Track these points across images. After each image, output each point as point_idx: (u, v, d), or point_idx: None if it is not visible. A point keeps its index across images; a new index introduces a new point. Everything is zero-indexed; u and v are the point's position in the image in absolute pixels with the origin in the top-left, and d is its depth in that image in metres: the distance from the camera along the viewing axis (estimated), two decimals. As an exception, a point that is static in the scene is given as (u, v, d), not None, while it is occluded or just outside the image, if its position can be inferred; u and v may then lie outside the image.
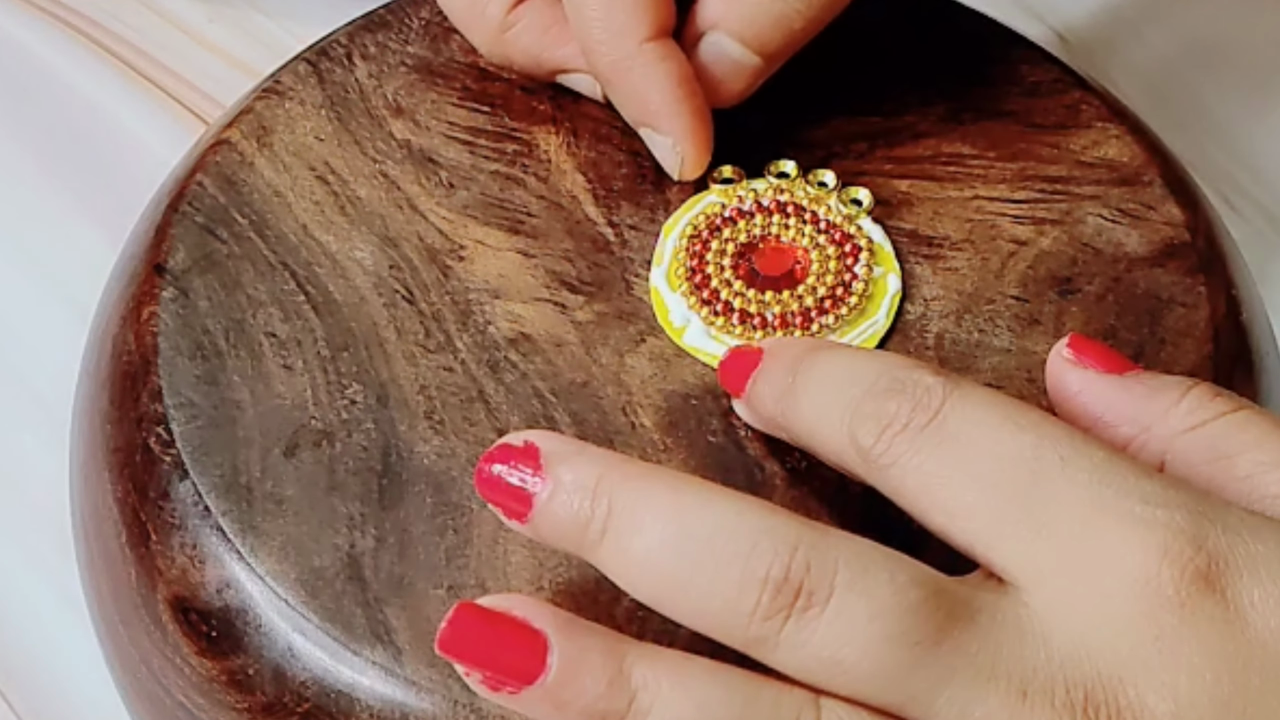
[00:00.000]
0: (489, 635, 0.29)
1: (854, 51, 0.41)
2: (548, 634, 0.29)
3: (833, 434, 0.31)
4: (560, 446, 0.30)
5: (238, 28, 0.54)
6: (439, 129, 0.40)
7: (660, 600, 0.29)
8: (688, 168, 0.38)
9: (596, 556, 0.30)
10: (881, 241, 0.38)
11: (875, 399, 0.31)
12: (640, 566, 0.29)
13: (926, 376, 0.31)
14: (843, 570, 0.28)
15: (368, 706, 0.32)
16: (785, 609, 0.28)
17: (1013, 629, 0.28)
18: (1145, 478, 0.29)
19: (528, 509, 0.30)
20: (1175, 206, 0.38)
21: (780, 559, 0.28)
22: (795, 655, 0.28)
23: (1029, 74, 0.41)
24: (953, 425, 0.30)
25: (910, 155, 0.39)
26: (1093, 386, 0.33)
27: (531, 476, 0.30)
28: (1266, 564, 0.28)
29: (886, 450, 0.30)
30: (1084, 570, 0.28)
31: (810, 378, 0.32)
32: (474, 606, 0.29)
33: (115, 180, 0.50)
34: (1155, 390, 0.32)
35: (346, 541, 0.33)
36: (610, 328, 0.36)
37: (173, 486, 0.34)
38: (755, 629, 0.28)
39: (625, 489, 0.30)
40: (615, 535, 0.29)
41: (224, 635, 0.33)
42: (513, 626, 0.29)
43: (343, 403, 0.35)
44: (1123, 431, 0.32)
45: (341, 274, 0.37)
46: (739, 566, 0.28)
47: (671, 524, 0.29)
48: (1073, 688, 0.28)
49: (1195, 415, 0.32)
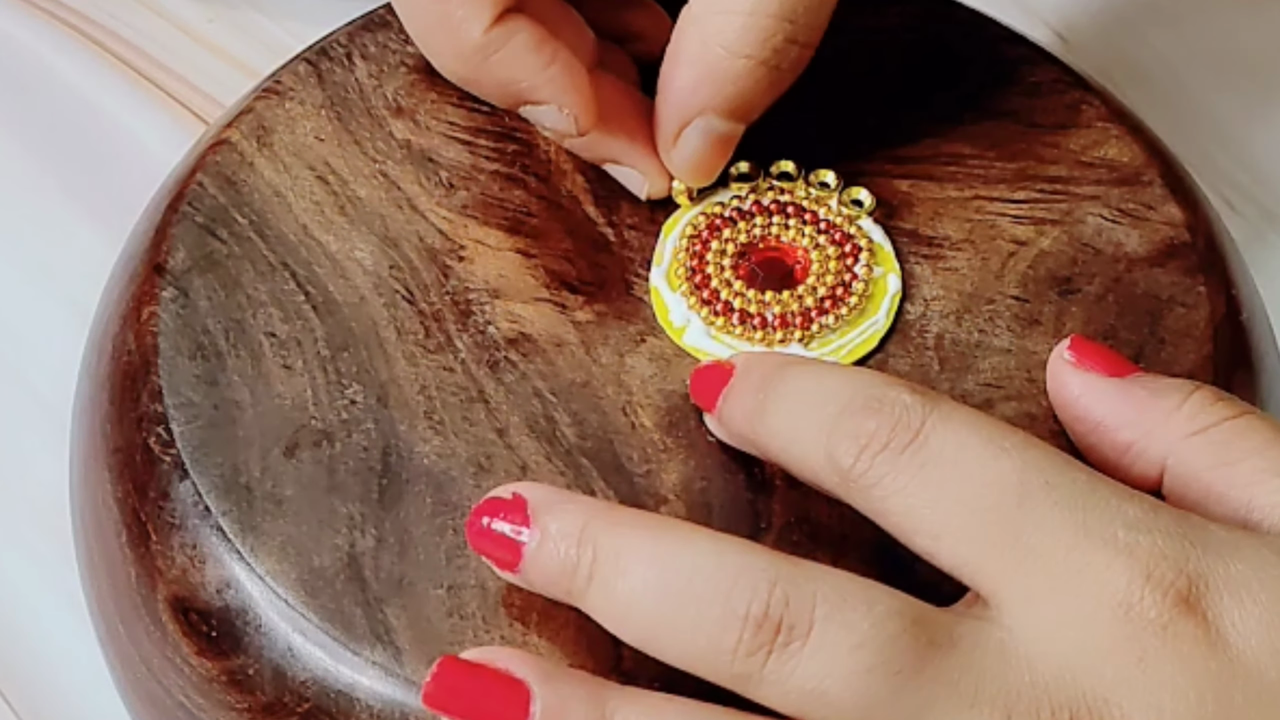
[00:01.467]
0: (472, 687, 0.29)
1: (854, 52, 0.41)
2: (530, 683, 0.29)
3: (808, 452, 0.31)
4: (546, 497, 0.31)
5: (238, 28, 0.54)
6: (439, 129, 0.40)
7: (647, 641, 0.30)
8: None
9: (585, 602, 0.30)
10: (881, 241, 0.38)
11: (852, 417, 0.31)
12: (626, 609, 0.30)
13: (904, 395, 0.31)
14: (821, 603, 0.29)
15: (367, 706, 0.32)
16: (767, 645, 0.28)
17: (996, 654, 0.29)
18: (1127, 501, 0.29)
19: (517, 559, 0.31)
20: (1175, 206, 0.38)
21: (759, 596, 0.29)
22: (779, 689, 0.29)
23: (1029, 74, 0.41)
24: (935, 446, 0.30)
25: (910, 155, 0.39)
26: (1094, 389, 0.33)
27: (520, 527, 0.31)
28: (1245, 584, 0.29)
29: (867, 471, 0.30)
30: (1068, 595, 0.29)
31: (781, 394, 0.32)
32: (457, 660, 0.30)
33: (115, 180, 0.50)
34: (1157, 394, 0.32)
35: (346, 541, 0.33)
36: (610, 328, 0.36)
37: (173, 486, 0.34)
38: (739, 665, 0.29)
39: (609, 535, 0.30)
40: (601, 580, 0.30)
41: (224, 635, 0.33)
42: (495, 678, 0.29)
43: (343, 403, 0.35)
44: (1123, 436, 0.32)
45: (341, 274, 0.37)
46: (719, 605, 0.29)
47: (654, 567, 0.30)
48: (1058, 710, 0.28)
49: (1197, 420, 0.32)
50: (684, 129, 0.36)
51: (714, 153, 0.37)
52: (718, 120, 0.36)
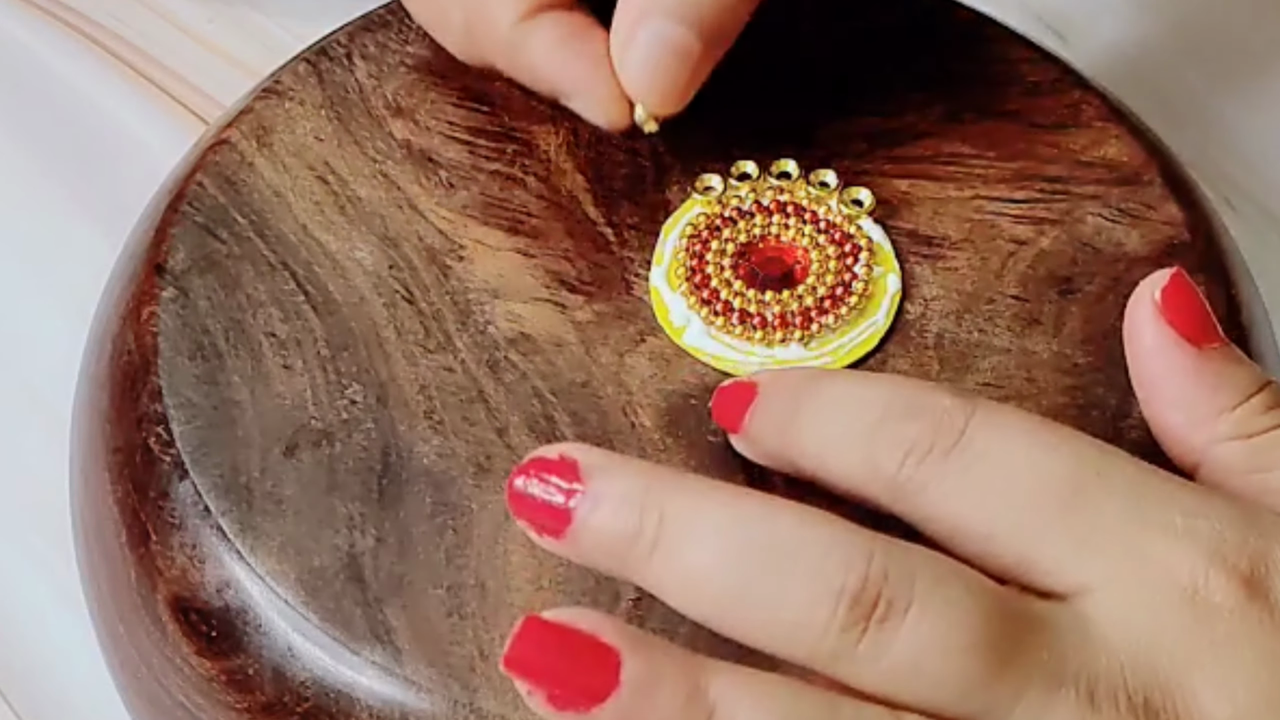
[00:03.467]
0: (559, 651, 0.27)
1: (854, 52, 0.41)
2: (620, 648, 0.27)
3: (848, 462, 0.31)
4: (600, 458, 0.29)
5: (238, 28, 0.54)
6: (439, 129, 0.40)
7: (718, 616, 0.28)
8: (611, 119, 0.37)
9: (645, 572, 0.29)
10: (881, 241, 0.38)
11: (894, 424, 0.30)
12: (697, 581, 0.28)
13: (944, 398, 0.30)
14: (920, 579, 0.28)
15: (367, 706, 0.32)
16: (864, 620, 0.27)
17: (1077, 636, 0.28)
18: (1180, 488, 0.30)
19: (565, 524, 0.29)
20: (1175, 206, 0.38)
21: (856, 569, 0.28)
22: (872, 668, 0.28)
23: (1029, 74, 0.41)
24: (980, 447, 0.30)
25: (910, 155, 0.39)
26: (1166, 351, 0.32)
27: (570, 490, 0.29)
28: None
29: (913, 476, 0.30)
30: (1132, 582, 0.29)
31: (815, 408, 0.31)
32: (542, 620, 0.27)
33: (115, 180, 0.50)
34: (1218, 387, 0.32)
35: (346, 541, 0.33)
36: (610, 328, 0.36)
37: (172, 486, 0.34)
38: (831, 642, 0.28)
39: (678, 500, 0.28)
40: (668, 549, 0.28)
41: (224, 635, 0.33)
42: (584, 643, 0.27)
43: (343, 403, 0.35)
44: (1172, 416, 0.32)
45: (341, 274, 0.37)
46: (811, 578, 0.28)
47: (731, 535, 0.28)
48: (1134, 693, 0.28)
49: (1245, 426, 0.32)
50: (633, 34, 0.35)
51: (668, 63, 0.35)
52: (668, 24, 0.35)
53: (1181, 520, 0.29)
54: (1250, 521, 0.29)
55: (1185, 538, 0.29)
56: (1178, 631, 0.28)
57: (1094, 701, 0.28)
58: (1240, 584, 0.28)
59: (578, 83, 0.36)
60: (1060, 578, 0.29)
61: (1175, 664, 0.28)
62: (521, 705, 0.31)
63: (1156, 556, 0.29)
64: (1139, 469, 0.30)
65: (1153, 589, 0.29)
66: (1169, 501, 0.29)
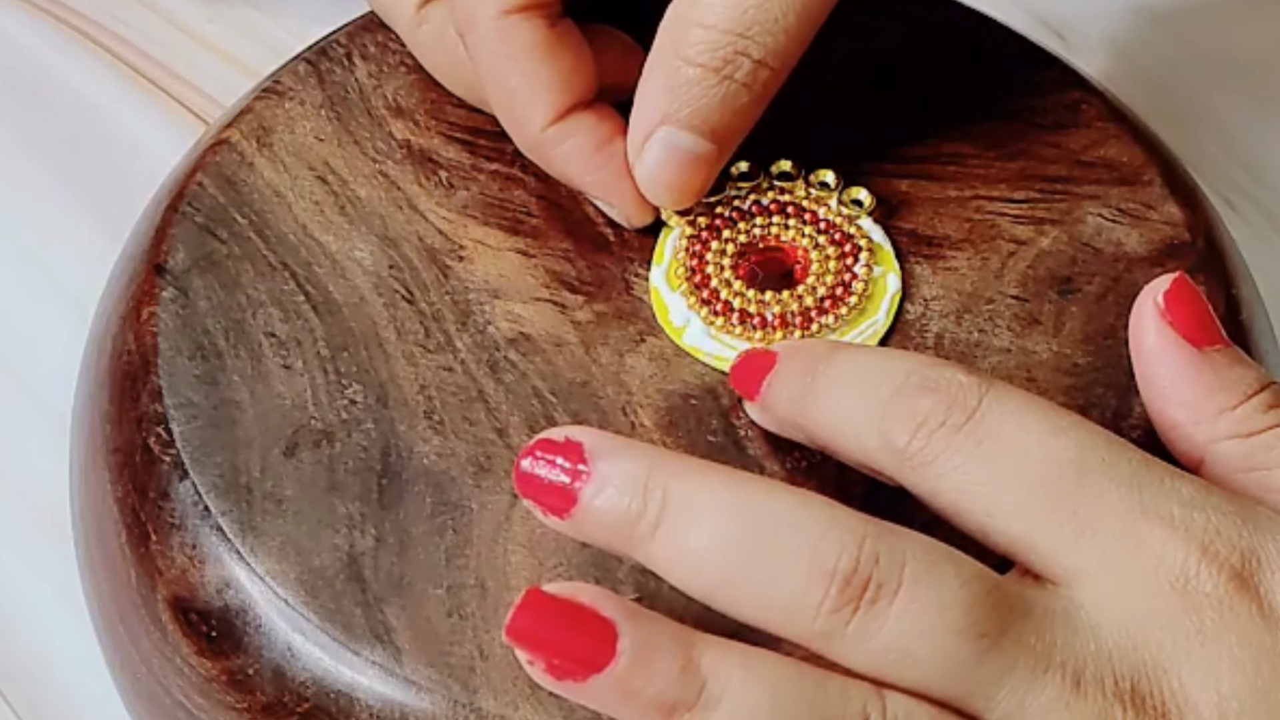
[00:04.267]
0: (559, 621, 0.28)
1: (854, 52, 0.41)
2: (617, 621, 0.28)
3: (860, 433, 0.31)
4: (604, 441, 0.30)
5: (238, 28, 0.54)
6: (439, 129, 0.40)
7: (717, 595, 0.29)
8: (633, 221, 0.38)
9: (647, 552, 0.30)
10: (881, 241, 0.38)
11: (907, 397, 0.31)
12: (697, 561, 0.29)
13: (959, 375, 0.31)
14: (911, 563, 0.29)
15: (367, 706, 0.32)
16: (854, 601, 0.28)
17: (1065, 621, 0.29)
18: (1181, 481, 0.30)
19: (570, 504, 0.30)
20: (1175, 206, 0.38)
21: (848, 551, 0.28)
22: (862, 648, 0.29)
23: (1029, 74, 0.41)
24: (992, 425, 0.30)
25: (910, 155, 0.39)
26: (1168, 352, 0.33)
27: (575, 472, 0.30)
28: None
29: (923, 449, 0.30)
30: (1126, 569, 0.29)
31: (832, 378, 0.32)
32: (544, 593, 0.29)
33: (115, 180, 0.50)
34: (1219, 387, 0.32)
35: (346, 541, 0.33)
36: (610, 327, 0.36)
37: (172, 486, 0.34)
38: (822, 622, 0.28)
39: (680, 482, 0.29)
40: (669, 530, 0.29)
41: (224, 635, 0.33)
42: (583, 614, 0.28)
43: (343, 403, 0.35)
44: (1175, 414, 0.33)
45: (341, 274, 0.37)
46: (805, 559, 0.28)
47: (731, 517, 0.29)
48: (1120, 678, 0.29)
49: (1245, 425, 0.32)
50: (647, 140, 0.36)
51: (678, 169, 0.36)
52: (678, 132, 0.36)
53: (1179, 511, 0.29)
54: (1246, 517, 0.30)
55: (1180, 529, 0.29)
56: (1166, 619, 0.29)
57: (1080, 686, 0.28)
58: (1230, 577, 0.29)
59: (601, 189, 0.37)
60: (1057, 560, 0.30)
61: (1162, 651, 0.29)
62: (522, 705, 0.31)
63: (1151, 545, 0.29)
64: (1143, 459, 0.30)
65: (1145, 577, 0.29)
66: (1168, 493, 0.30)
